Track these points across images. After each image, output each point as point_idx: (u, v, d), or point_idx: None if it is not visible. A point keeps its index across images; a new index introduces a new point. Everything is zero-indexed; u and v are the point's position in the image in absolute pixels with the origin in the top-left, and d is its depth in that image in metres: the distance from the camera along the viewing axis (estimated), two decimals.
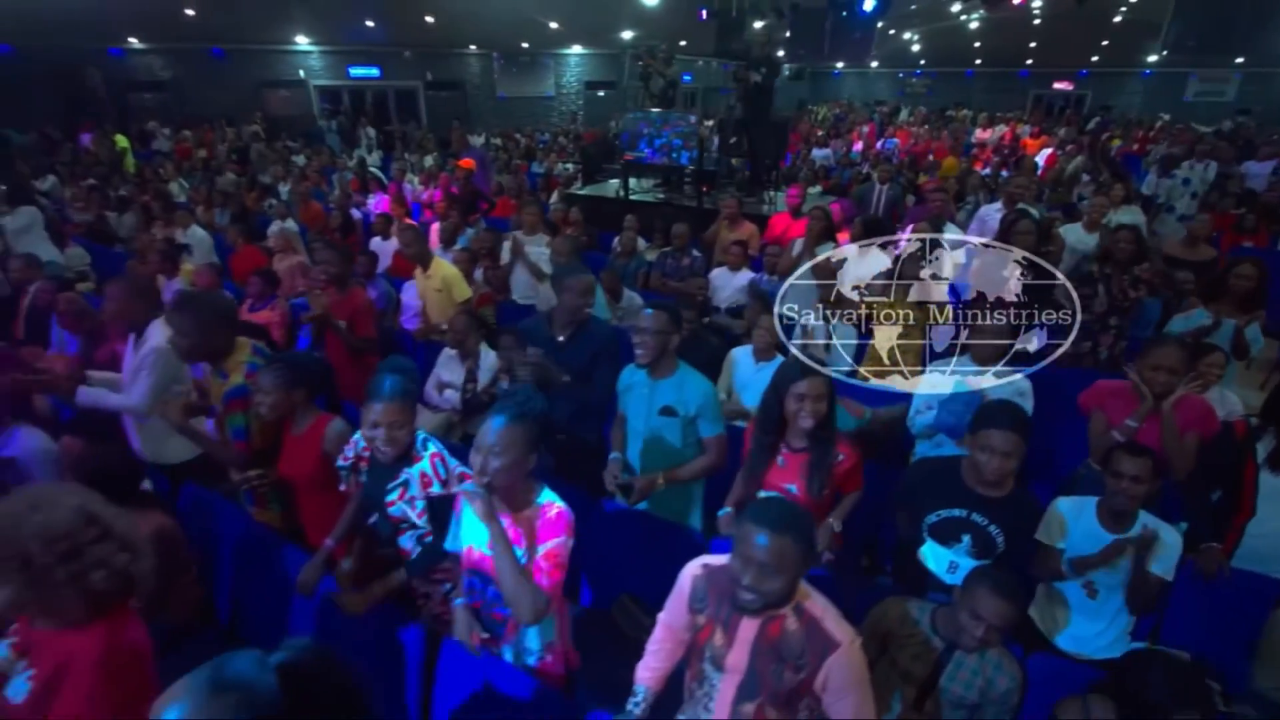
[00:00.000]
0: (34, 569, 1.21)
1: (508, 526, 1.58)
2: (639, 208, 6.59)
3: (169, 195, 7.93)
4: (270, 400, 2.06)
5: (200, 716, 0.89)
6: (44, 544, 1.22)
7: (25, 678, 1.28)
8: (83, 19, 12.55)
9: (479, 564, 1.65)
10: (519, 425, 1.52)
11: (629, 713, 1.61)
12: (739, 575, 1.32)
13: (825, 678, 1.35)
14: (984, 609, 1.62)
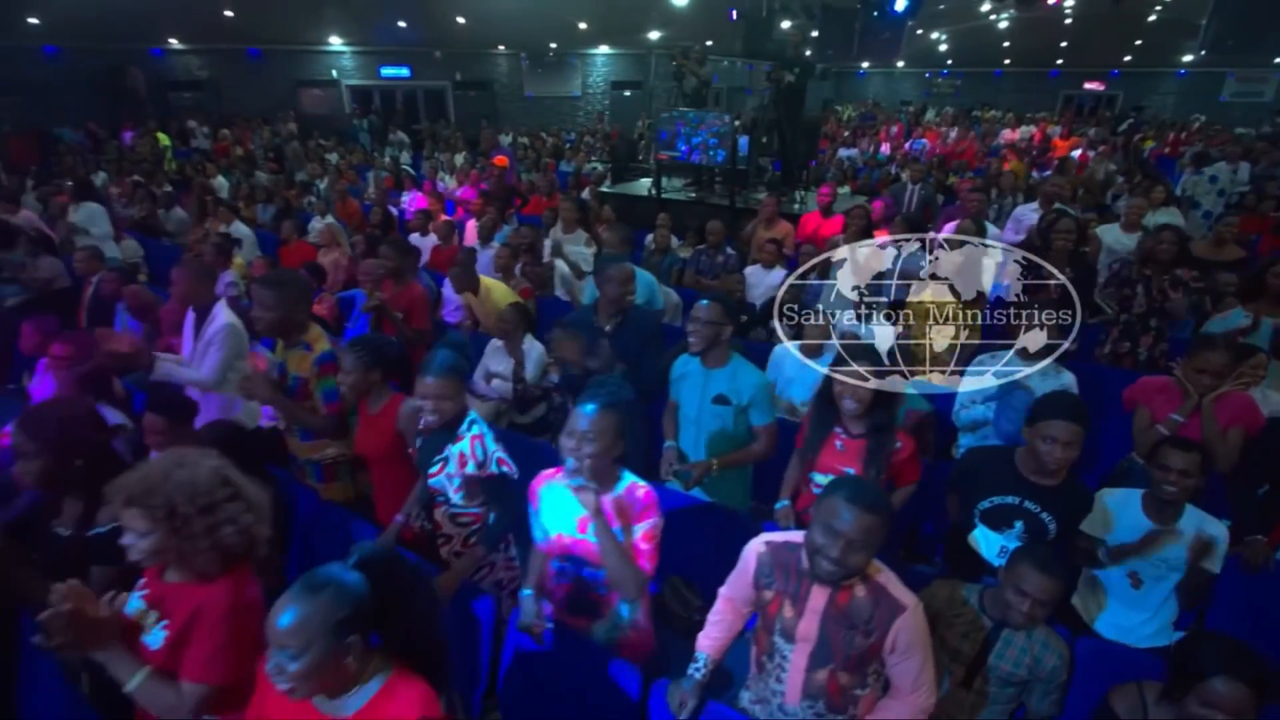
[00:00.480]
0: (177, 519, 1.35)
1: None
2: (671, 206, 6.68)
3: (214, 191, 8.19)
4: (351, 380, 2.19)
5: (308, 612, 1.08)
6: (187, 496, 1.35)
7: (160, 627, 1.41)
8: (126, 20, 12.93)
9: (569, 549, 1.76)
10: (610, 412, 1.63)
11: (690, 677, 1.70)
12: (823, 548, 1.40)
13: (894, 639, 1.44)
14: (1028, 584, 1.68)
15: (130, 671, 1.36)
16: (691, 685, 1.67)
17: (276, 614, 1.11)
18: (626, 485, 1.72)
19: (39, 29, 12.98)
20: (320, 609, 1.11)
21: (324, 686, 1.15)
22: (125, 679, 1.36)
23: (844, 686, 1.51)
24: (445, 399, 1.96)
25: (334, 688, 1.16)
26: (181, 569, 1.42)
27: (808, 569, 1.49)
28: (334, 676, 1.14)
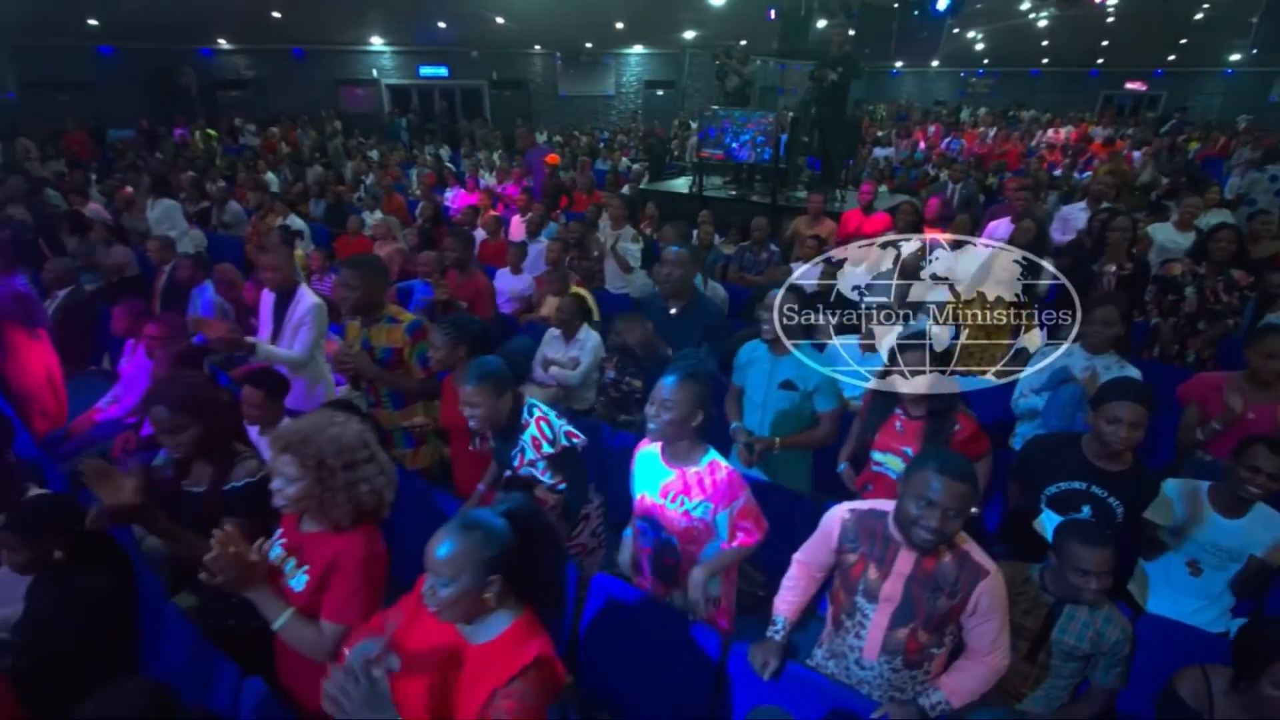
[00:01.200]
0: (324, 470, 1.50)
1: (678, 478, 1.82)
2: (712, 203, 6.78)
3: (267, 186, 8.50)
4: (440, 355, 2.35)
5: (461, 547, 1.25)
6: (335, 451, 1.50)
7: (302, 572, 1.56)
8: (179, 21, 13.39)
9: (650, 511, 1.89)
10: (690, 383, 1.75)
11: (770, 638, 1.81)
12: (920, 519, 1.51)
13: (976, 603, 1.54)
14: (1084, 561, 1.74)
15: (277, 611, 1.51)
16: (773, 645, 1.78)
17: (434, 544, 1.26)
18: (709, 462, 1.84)
19: (97, 30, 13.52)
20: (471, 546, 1.25)
21: (464, 614, 1.29)
22: (273, 618, 1.51)
23: (922, 644, 1.61)
24: (478, 406, 2.03)
25: (471, 617, 1.30)
26: (319, 518, 1.56)
27: (894, 535, 1.60)
28: (473, 607, 1.28)
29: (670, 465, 1.86)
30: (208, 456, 1.94)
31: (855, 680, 1.73)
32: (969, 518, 1.54)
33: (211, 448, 1.94)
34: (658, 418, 1.76)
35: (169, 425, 1.86)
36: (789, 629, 1.82)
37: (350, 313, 2.63)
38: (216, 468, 1.94)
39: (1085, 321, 2.57)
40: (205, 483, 1.93)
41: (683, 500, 1.84)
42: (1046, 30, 17.70)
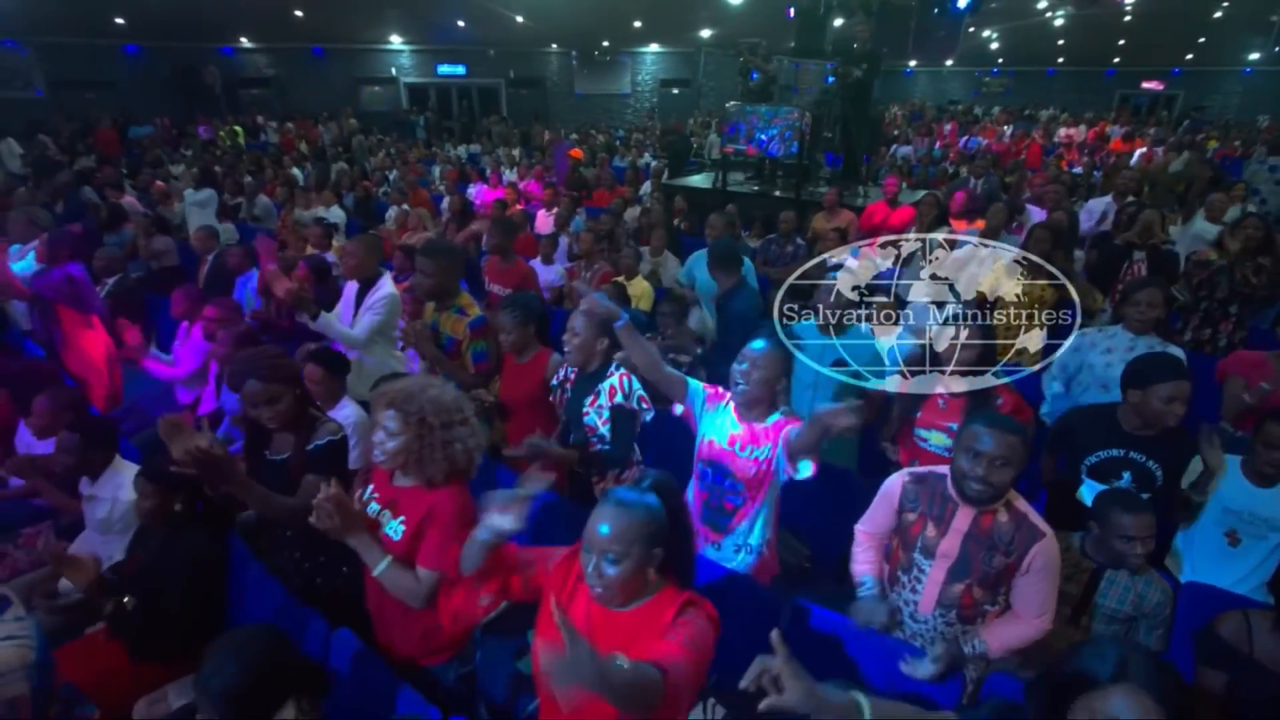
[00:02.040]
0: (424, 427, 1.60)
1: (746, 431, 1.93)
2: (735, 199, 6.87)
3: (295, 181, 8.67)
4: (512, 338, 2.46)
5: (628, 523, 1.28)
6: (435, 410, 1.61)
7: (399, 522, 1.66)
8: (203, 19, 13.61)
9: (717, 456, 2.00)
10: (776, 350, 1.87)
11: (869, 595, 1.88)
12: (970, 470, 1.60)
13: (1030, 562, 1.63)
14: (1127, 528, 1.82)
15: (377, 557, 1.62)
16: (873, 600, 1.85)
17: (595, 524, 1.29)
18: (775, 420, 1.95)
19: (124, 29, 13.76)
20: (638, 522, 1.28)
21: (631, 593, 1.31)
22: (373, 563, 1.62)
23: (976, 600, 1.70)
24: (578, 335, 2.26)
25: (629, 596, 1.33)
26: (414, 473, 1.67)
27: (952, 495, 1.69)
28: (638, 585, 1.32)
29: (741, 421, 1.98)
30: (293, 424, 2.05)
31: (909, 634, 1.83)
32: (1020, 471, 1.62)
33: (298, 415, 2.05)
34: (748, 376, 1.88)
35: (264, 396, 1.96)
36: (878, 586, 1.89)
37: (425, 297, 2.72)
38: (299, 434, 2.05)
39: (1129, 303, 2.64)
40: (289, 449, 2.04)
41: (751, 449, 1.95)
42: (1063, 29, 17.68)
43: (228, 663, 1.35)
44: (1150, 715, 1.03)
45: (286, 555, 2.06)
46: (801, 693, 1.06)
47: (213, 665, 1.35)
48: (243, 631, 1.46)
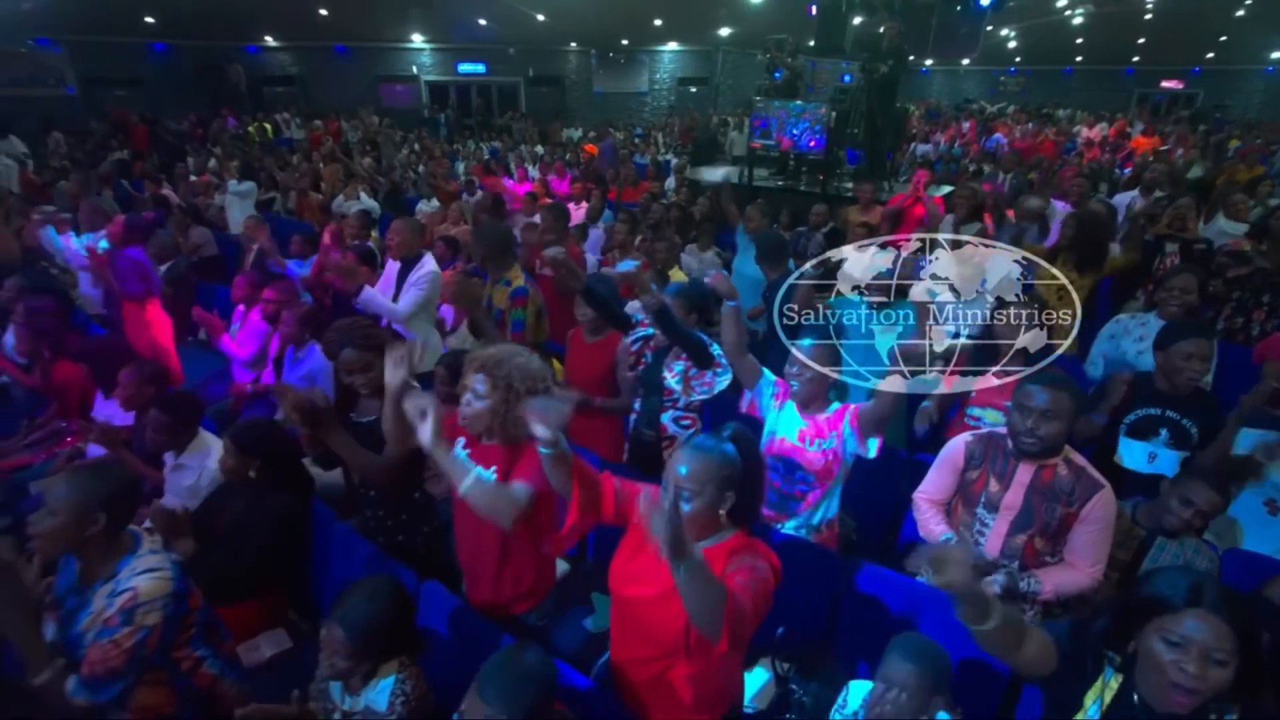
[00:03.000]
0: (511, 391, 1.71)
1: (811, 426, 2.06)
2: (761, 194, 6.96)
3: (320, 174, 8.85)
4: (590, 318, 2.58)
5: (704, 465, 1.40)
6: (522, 376, 1.72)
7: (490, 471, 1.77)
8: (230, 18, 13.84)
9: (788, 453, 2.13)
10: (823, 348, 2.00)
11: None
12: (1022, 426, 1.70)
13: (1089, 511, 1.73)
14: (1197, 496, 1.93)
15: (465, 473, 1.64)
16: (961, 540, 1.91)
17: (675, 463, 1.41)
18: (836, 409, 2.10)
19: (153, 27, 14.02)
20: (713, 465, 1.40)
21: (697, 529, 1.42)
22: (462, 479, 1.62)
23: (1038, 551, 1.80)
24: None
25: (700, 533, 1.44)
26: (499, 434, 1.78)
27: (1013, 450, 1.79)
28: (709, 524, 1.44)
29: (805, 416, 2.10)
30: (381, 390, 2.17)
31: None
32: (1070, 426, 1.72)
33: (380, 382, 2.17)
34: (800, 375, 1.99)
35: (359, 364, 2.08)
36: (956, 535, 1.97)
37: (482, 266, 2.84)
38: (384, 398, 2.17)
39: (1164, 289, 2.73)
40: (374, 413, 2.16)
41: (819, 442, 2.07)
42: (1081, 28, 17.63)
43: (361, 602, 1.48)
44: (1221, 637, 1.13)
45: (371, 514, 2.18)
46: (965, 578, 1.16)
47: (349, 602, 1.48)
48: (375, 579, 1.58)
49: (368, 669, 1.52)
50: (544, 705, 1.28)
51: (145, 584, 1.52)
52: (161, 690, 1.58)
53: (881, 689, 1.46)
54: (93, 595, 1.55)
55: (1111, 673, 1.30)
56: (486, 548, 1.82)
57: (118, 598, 1.50)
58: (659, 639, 1.47)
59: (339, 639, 1.46)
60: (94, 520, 1.52)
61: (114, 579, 1.54)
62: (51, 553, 1.56)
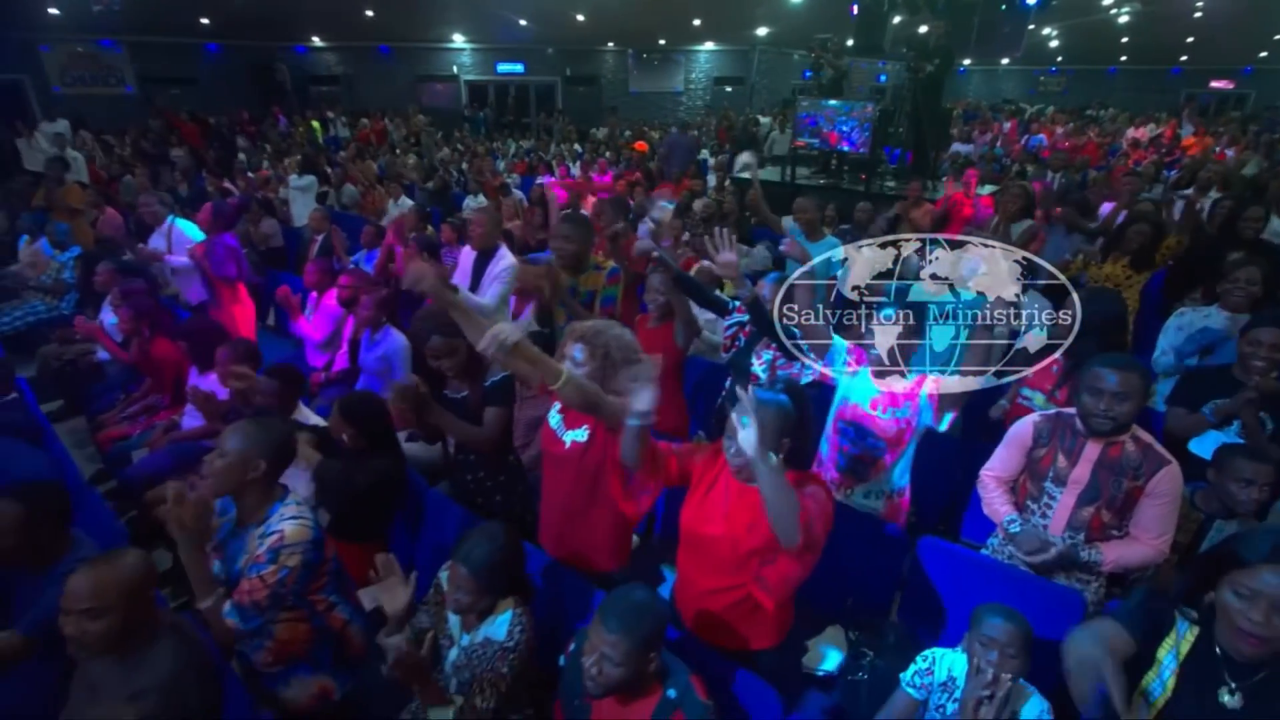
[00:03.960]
0: (608, 360, 1.86)
1: (885, 395, 2.16)
2: (804, 192, 7.03)
3: (373, 172, 9.15)
4: (660, 300, 2.71)
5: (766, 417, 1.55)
6: (617, 347, 1.87)
7: (582, 430, 1.92)
8: (281, 19, 14.30)
9: (860, 419, 2.24)
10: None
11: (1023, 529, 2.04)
12: (1094, 407, 1.79)
13: (1155, 486, 1.81)
14: (1247, 472, 1.96)
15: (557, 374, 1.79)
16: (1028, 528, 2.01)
17: (738, 415, 1.54)
18: (915, 377, 2.18)
19: (208, 28, 14.55)
20: (774, 416, 1.57)
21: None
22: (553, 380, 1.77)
23: (1105, 523, 1.88)
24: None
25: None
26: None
27: (1081, 429, 1.88)
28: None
29: (880, 384, 2.19)
30: (466, 371, 2.33)
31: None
32: (1140, 406, 1.79)
33: (469, 362, 2.33)
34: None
35: (446, 349, 2.25)
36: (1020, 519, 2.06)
37: (565, 264, 2.95)
38: (472, 377, 2.33)
39: (1228, 280, 2.76)
40: (466, 389, 2.33)
41: (892, 410, 2.16)
42: (1127, 26, 17.27)
43: (482, 543, 1.63)
44: None
45: (470, 476, 2.34)
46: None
47: (471, 542, 1.64)
48: (493, 525, 1.73)
49: (486, 605, 1.67)
50: (659, 635, 1.41)
51: (291, 528, 1.69)
52: (300, 627, 1.75)
53: (987, 653, 1.54)
54: (247, 537, 1.73)
55: (1186, 626, 1.39)
56: (575, 508, 1.97)
57: (267, 539, 1.68)
58: (732, 566, 1.67)
59: (463, 576, 1.61)
60: (256, 466, 1.70)
61: (265, 523, 1.71)
62: (216, 492, 1.73)
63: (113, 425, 3.53)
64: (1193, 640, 1.37)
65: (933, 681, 1.64)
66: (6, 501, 1.81)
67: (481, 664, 1.65)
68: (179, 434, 3.29)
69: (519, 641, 1.65)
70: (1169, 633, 1.42)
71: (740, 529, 1.64)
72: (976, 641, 1.57)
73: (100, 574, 1.50)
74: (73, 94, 13.72)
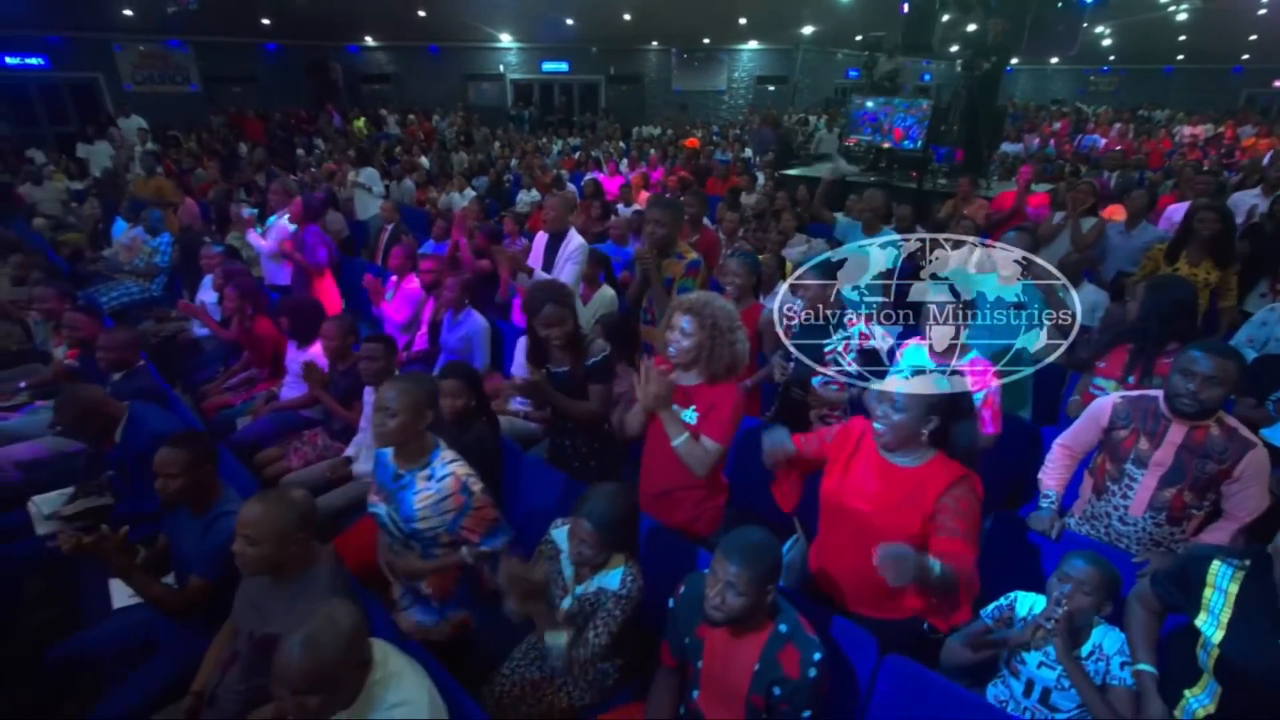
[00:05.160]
0: (716, 331, 2.01)
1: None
2: (853, 188, 7.09)
3: (422, 168, 9.47)
4: (738, 283, 2.85)
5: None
6: (724, 318, 2.02)
7: (691, 410, 2.07)
8: (336, 19, 14.78)
9: None
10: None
11: (1047, 507, 2.17)
12: (1183, 389, 1.86)
13: (1242, 470, 1.87)
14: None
15: (678, 431, 2.02)
16: (1050, 513, 2.15)
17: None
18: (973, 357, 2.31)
19: (269, 28, 15.13)
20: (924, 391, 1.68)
21: (900, 441, 1.70)
22: (674, 436, 2.01)
23: (1186, 504, 1.96)
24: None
25: (903, 446, 1.72)
26: (701, 370, 2.07)
27: (1165, 412, 1.95)
28: (909, 439, 1.70)
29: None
30: (571, 343, 2.49)
31: (1114, 536, 2.10)
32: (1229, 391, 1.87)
33: (576, 335, 2.49)
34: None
35: (557, 318, 2.40)
36: (1058, 499, 2.19)
37: (655, 246, 3.07)
38: (574, 351, 2.49)
39: None
40: (568, 364, 2.48)
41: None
42: (1185, 24, 16.79)
43: (605, 500, 1.79)
44: None
45: (569, 443, 2.52)
46: None
47: (594, 499, 1.79)
48: (614, 485, 1.88)
49: (602, 559, 1.82)
50: (775, 570, 1.55)
51: (459, 469, 1.92)
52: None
53: (1061, 586, 1.67)
54: (414, 479, 1.92)
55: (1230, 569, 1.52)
56: (679, 480, 2.13)
57: (443, 481, 1.88)
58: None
59: (587, 530, 1.76)
60: (425, 416, 1.89)
61: (429, 467, 1.91)
62: (394, 442, 1.91)
63: (216, 395, 3.80)
64: (1241, 580, 1.48)
65: (1012, 616, 1.75)
66: (172, 447, 2.04)
67: (595, 609, 1.81)
68: (279, 404, 3.54)
69: (631, 591, 1.80)
70: (1204, 581, 1.54)
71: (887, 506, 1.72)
72: (1056, 577, 1.70)
73: (267, 506, 1.70)
74: (143, 92, 14.38)
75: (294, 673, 1.27)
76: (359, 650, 1.38)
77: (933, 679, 1.65)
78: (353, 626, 1.36)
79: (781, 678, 1.55)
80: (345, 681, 1.35)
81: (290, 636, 1.29)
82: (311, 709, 1.29)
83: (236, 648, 1.80)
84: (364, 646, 1.40)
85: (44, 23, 12.92)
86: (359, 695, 1.38)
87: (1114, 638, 1.69)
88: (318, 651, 1.29)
